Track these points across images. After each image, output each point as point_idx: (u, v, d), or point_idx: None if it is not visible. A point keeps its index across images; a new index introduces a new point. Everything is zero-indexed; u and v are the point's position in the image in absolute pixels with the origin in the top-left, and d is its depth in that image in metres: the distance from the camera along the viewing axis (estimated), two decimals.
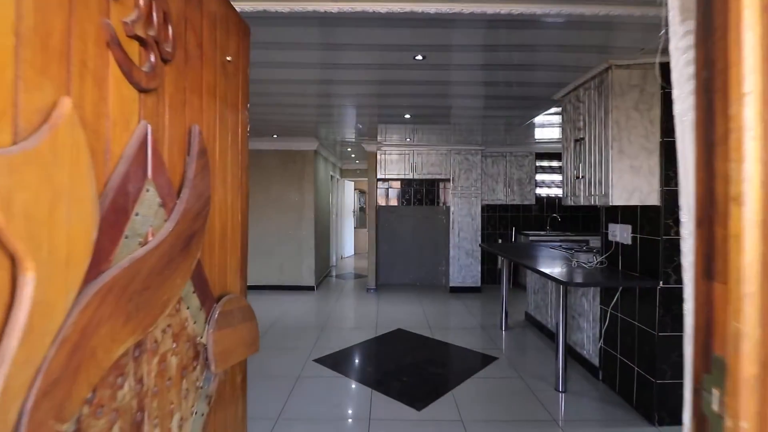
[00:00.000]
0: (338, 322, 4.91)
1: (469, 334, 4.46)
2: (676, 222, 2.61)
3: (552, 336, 4.19)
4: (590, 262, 3.22)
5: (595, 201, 2.81)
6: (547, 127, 5.40)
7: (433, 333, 4.46)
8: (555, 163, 7.11)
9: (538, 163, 7.02)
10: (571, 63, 2.82)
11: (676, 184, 2.73)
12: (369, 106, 4.15)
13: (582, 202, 2.99)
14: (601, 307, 3.27)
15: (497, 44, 2.53)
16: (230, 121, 1.30)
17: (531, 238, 6.50)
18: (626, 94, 2.64)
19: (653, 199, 2.64)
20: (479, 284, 6.50)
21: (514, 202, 6.84)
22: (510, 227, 7.13)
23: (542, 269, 3.01)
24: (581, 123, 2.99)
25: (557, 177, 7.12)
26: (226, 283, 1.27)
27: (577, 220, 7.15)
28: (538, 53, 2.69)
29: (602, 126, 2.72)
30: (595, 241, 6.42)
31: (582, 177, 2.96)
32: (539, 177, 7.07)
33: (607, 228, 3.22)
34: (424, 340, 4.23)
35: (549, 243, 6.40)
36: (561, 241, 6.41)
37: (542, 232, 6.82)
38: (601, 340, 3.27)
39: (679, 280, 2.62)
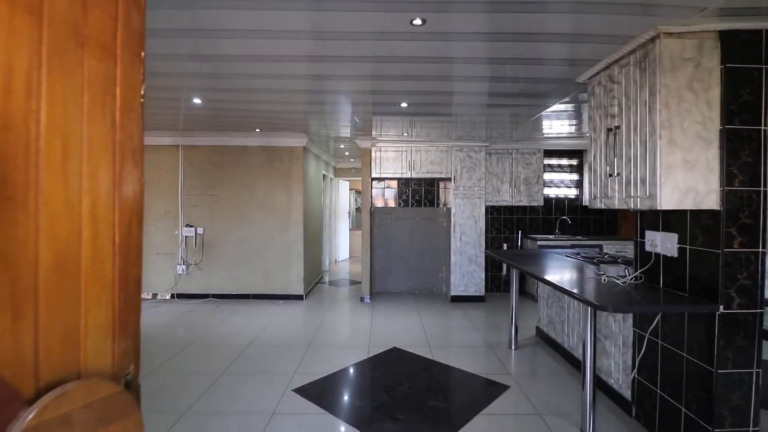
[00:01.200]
0: (327, 338, 4.36)
1: (474, 354, 3.92)
2: (741, 231, 2.08)
3: (570, 357, 3.66)
4: (623, 277, 2.68)
5: (635, 204, 2.27)
6: (555, 119, 4.85)
7: (433, 353, 3.92)
8: (564, 161, 6.58)
9: (546, 161, 6.49)
10: (602, 31, 2.28)
11: (741, 183, 2.20)
12: (362, 92, 3.60)
13: (617, 204, 2.45)
14: (635, 331, 2.73)
15: (507, 1, 1.99)
16: (89, 69, 0.75)
17: (539, 242, 5.96)
18: (678, 69, 2.10)
19: (712, 201, 2.10)
20: (483, 293, 5.96)
21: (521, 204, 6.30)
22: (516, 230, 6.59)
23: (568, 287, 2.47)
24: (615, 108, 2.45)
25: (567, 176, 6.59)
26: (77, 358, 0.72)
27: (588, 223, 6.62)
28: (557, 17, 2.16)
29: (646, 111, 2.18)
30: (609, 247, 5.90)
31: (617, 174, 2.41)
32: (547, 176, 6.54)
33: (643, 236, 2.68)
34: (423, 362, 3.69)
35: (560, 249, 5.87)
36: (572, 246, 5.89)
37: (551, 236, 6.29)
38: (635, 370, 2.73)
39: (745, 304, 2.08)
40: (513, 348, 4.03)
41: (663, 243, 2.47)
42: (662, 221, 2.50)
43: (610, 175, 2.47)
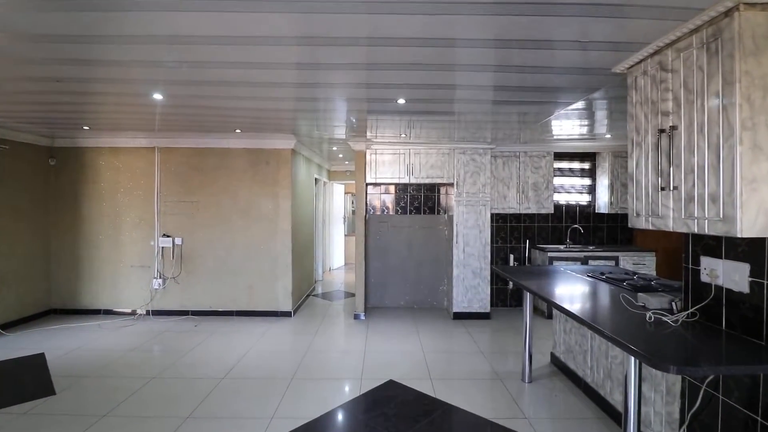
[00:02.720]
0: (314, 368, 3.84)
1: (482, 388, 3.40)
2: None
3: (594, 395, 3.15)
4: (672, 313, 2.17)
5: (701, 227, 1.76)
6: (565, 119, 4.32)
7: (434, 387, 3.40)
8: (576, 165, 6.08)
9: (556, 165, 5.98)
10: (650, 2, 1.76)
11: None
12: (355, 85, 3.08)
13: (671, 226, 1.93)
14: (686, 378, 2.22)
15: None
16: None
17: (549, 254, 5.45)
18: (763, 52, 1.59)
19: None
20: (488, 309, 5.45)
21: (529, 211, 5.78)
22: (523, 240, 6.08)
23: (609, 330, 1.95)
24: (670, 104, 1.94)
25: (578, 181, 6.09)
26: None
27: (600, 232, 6.12)
28: None
29: (718, 106, 1.67)
30: (626, 259, 5.41)
31: (673, 188, 1.90)
32: (557, 181, 6.03)
33: (696, 261, 2.17)
34: (424, 401, 3.16)
35: (572, 261, 5.38)
36: (585, 258, 5.39)
37: (561, 246, 5.78)
38: (685, 426, 2.22)
39: None
40: (527, 381, 3.51)
41: (727, 274, 1.96)
42: (725, 246, 2.00)
43: (663, 189, 1.96)
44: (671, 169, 1.90)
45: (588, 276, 3.43)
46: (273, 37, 2.18)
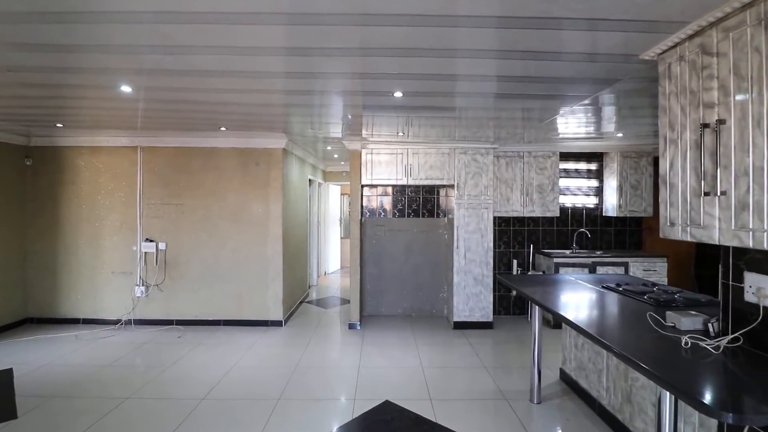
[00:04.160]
0: (303, 386, 3.53)
1: (487, 410, 3.10)
2: None
3: (610, 419, 2.85)
4: (711, 338, 1.87)
5: (760, 241, 1.46)
6: (571, 116, 4.02)
7: (435, 409, 3.10)
8: (582, 166, 5.78)
9: (562, 165, 5.69)
10: None
11: None
12: (348, 75, 2.77)
13: (717, 238, 1.64)
14: None
15: None
16: None
17: (555, 259, 5.16)
18: None
19: None
20: (491, 318, 5.15)
21: (533, 214, 5.49)
22: (527, 244, 5.78)
23: (643, 362, 1.65)
24: (715, 94, 1.65)
25: (585, 182, 5.79)
26: None
27: (608, 236, 5.82)
28: None
29: None
30: (636, 265, 5.13)
31: (720, 193, 1.61)
32: (563, 182, 5.73)
33: (739, 278, 1.88)
34: (424, 427, 2.86)
35: (579, 266, 5.09)
36: (593, 263, 5.11)
37: (567, 251, 5.49)
38: None
39: None
40: (535, 401, 3.22)
41: None
42: None
43: (706, 194, 1.67)
44: (718, 170, 1.61)
45: (603, 287, 3.13)
46: (255, 14, 1.87)
